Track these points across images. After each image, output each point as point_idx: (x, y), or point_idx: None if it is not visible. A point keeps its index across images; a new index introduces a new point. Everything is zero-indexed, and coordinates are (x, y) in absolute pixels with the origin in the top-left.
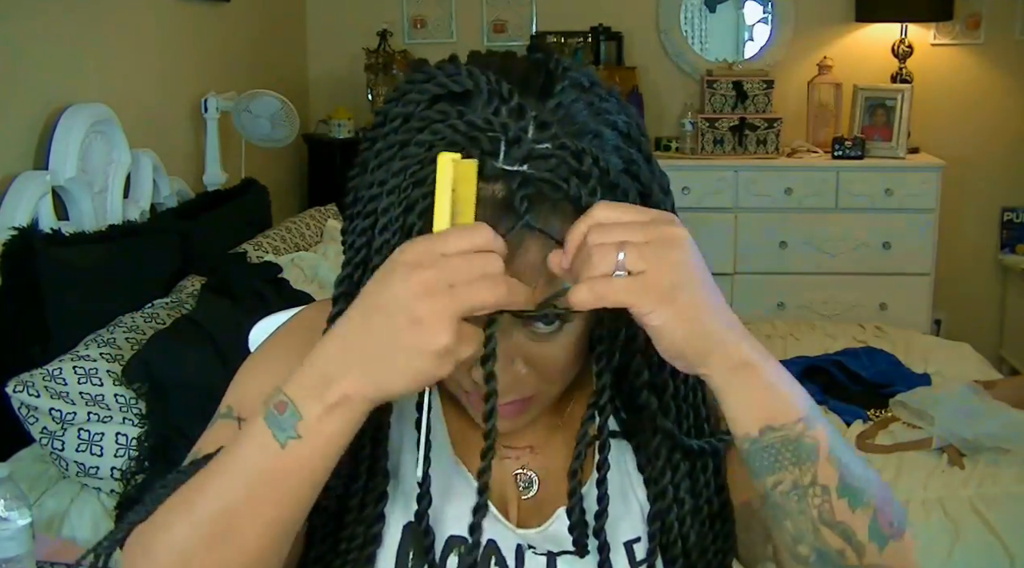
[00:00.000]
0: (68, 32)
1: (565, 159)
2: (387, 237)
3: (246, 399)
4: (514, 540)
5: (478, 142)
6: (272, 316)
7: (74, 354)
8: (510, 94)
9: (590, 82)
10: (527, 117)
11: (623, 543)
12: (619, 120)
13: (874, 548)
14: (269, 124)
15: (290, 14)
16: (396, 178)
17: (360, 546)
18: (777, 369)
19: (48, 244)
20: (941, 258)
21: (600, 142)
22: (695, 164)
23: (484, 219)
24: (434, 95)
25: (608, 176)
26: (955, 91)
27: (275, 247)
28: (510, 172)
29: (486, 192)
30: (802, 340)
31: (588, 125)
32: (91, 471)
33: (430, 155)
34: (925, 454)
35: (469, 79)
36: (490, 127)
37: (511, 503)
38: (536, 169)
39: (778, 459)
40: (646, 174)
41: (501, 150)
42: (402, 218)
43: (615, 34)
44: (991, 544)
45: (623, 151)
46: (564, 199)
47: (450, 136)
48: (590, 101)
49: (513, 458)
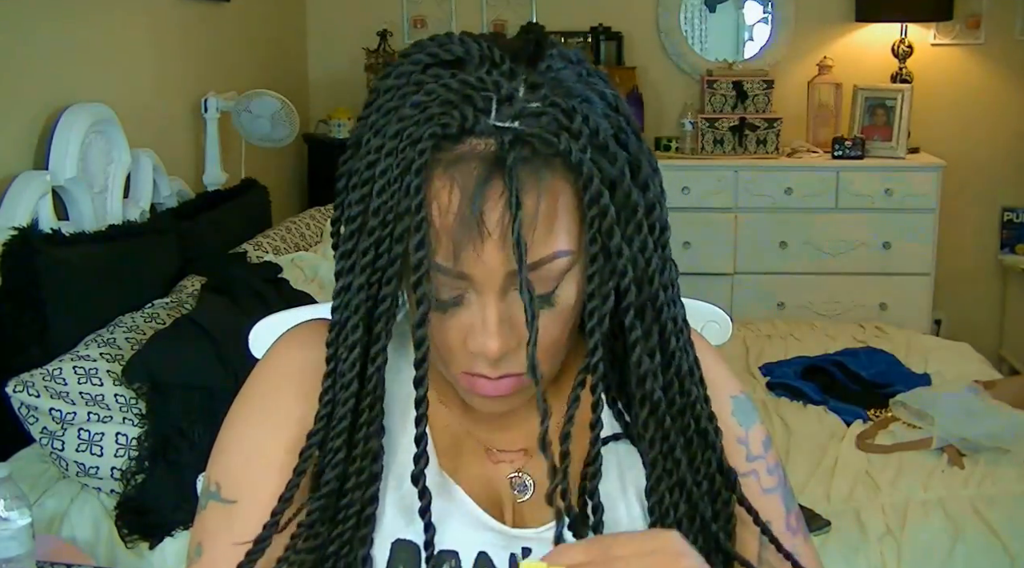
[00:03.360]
0: (68, 32)
1: (556, 116)
2: (385, 199)
3: (232, 473)
4: (507, 549)
5: (471, 100)
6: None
7: (74, 354)
8: (502, 59)
9: (578, 58)
10: (518, 78)
11: None
12: (607, 92)
13: None
14: (269, 124)
15: (290, 14)
16: (393, 141)
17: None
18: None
19: (48, 244)
20: (941, 258)
21: (589, 106)
22: (695, 164)
23: (477, 177)
24: (426, 63)
25: (598, 136)
26: (955, 91)
27: (275, 247)
28: (502, 128)
29: (478, 148)
30: (802, 340)
31: (577, 89)
32: (91, 471)
33: (423, 116)
34: (925, 454)
35: (460, 46)
36: (483, 86)
37: (506, 507)
38: (527, 126)
39: None
40: (634, 145)
41: (493, 108)
42: (400, 179)
43: (615, 34)
44: (991, 544)
45: (612, 118)
46: (555, 155)
47: (444, 95)
48: (578, 72)
49: (508, 462)
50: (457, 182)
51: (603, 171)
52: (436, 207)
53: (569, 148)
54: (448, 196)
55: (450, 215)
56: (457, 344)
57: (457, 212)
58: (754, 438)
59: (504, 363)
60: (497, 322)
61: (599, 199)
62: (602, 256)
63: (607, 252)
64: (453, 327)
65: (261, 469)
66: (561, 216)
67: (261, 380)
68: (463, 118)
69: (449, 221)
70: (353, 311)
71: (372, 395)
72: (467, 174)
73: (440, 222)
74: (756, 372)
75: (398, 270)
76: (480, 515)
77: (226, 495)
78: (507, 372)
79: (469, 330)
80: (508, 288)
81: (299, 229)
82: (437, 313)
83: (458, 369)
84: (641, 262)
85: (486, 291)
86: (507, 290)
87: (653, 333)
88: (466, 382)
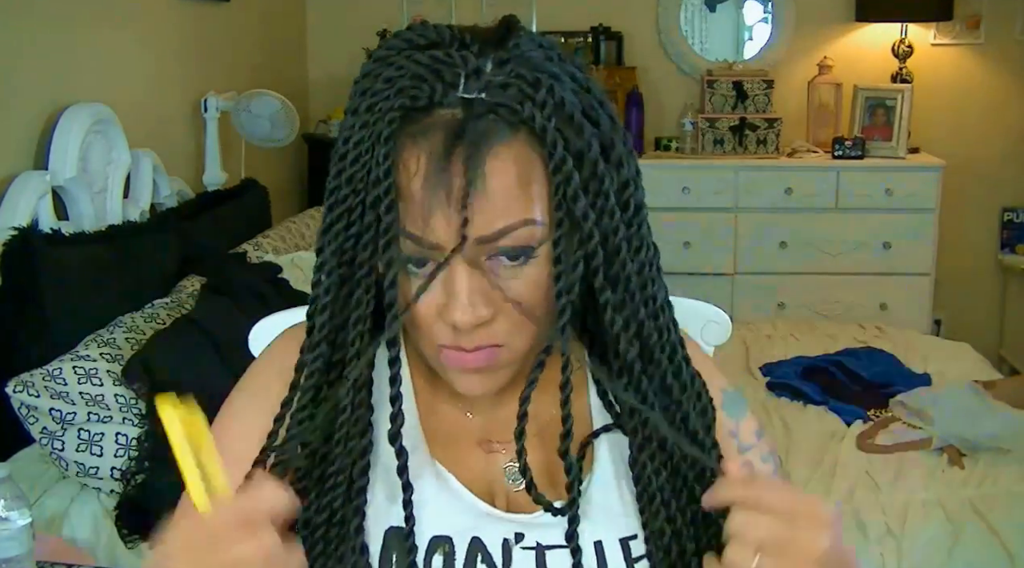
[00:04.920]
0: (68, 32)
1: (521, 87)
2: (357, 169)
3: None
4: (500, 533)
5: (440, 74)
6: (272, 316)
7: (74, 354)
8: (472, 41)
9: (549, 44)
10: (487, 56)
11: (619, 539)
12: (578, 75)
13: None
14: (269, 124)
15: (290, 14)
16: (366, 114)
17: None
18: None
19: (48, 244)
20: (941, 258)
21: (556, 81)
22: (695, 164)
23: (443, 145)
24: (401, 48)
25: (564, 108)
26: (955, 91)
27: (275, 247)
28: (468, 99)
29: (444, 117)
30: (802, 340)
31: (545, 66)
32: (91, 471)
33: (393, 90)
34: (925, 454)
35: (434, 32)
36: (451, 61)
37: (500, 496)
38: (493, 97)
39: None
40: (607, 125)
41: (461, 82)
42: (372, 149)
43: (615, 34)
44: (991, 544)
45: (582, 96)
46: (520, 122)
47: (414, 69)
48: (548, 55)
49: (502, 452)
50: (423, 150)
51: (568, 141)
52: (404, 175)
53: (532, 115)
54: (416, 164)
55: (417, 182)
56: (432, 317)
57: (424, 178)
58: (745, 429)
59: (479, 334)
60: (468, 292)
61: (562, 166)
62: (567, 221)
63: (572, 217)
64: (428, 301)
65: (253, 445)
66: (532, 186)
67: (258, 373)
68: (432, 91)
69: (416, 188)
70: (326, 275)
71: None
72: (434, 142)
73: (407, 189)
74: (756, 372)
75: (371, 237)
76: (473, 501)
77: None
78: (482, 343)
79: (444, 304)
80: (478, 257)
81: (299, 229)
82: (411, 287)
83: (435, 343)
84: (608, 231)
85: (456, 260)
86: (477, 259)
87: (627, 303)
88: (443, 357)
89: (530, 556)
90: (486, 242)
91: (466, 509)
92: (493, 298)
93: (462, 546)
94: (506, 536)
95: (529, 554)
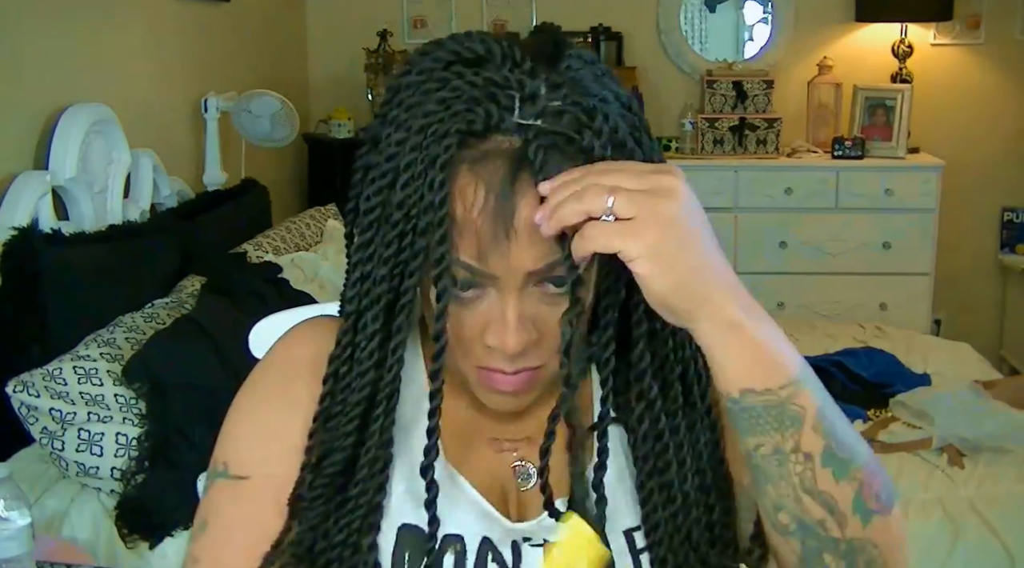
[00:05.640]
0: (68, 32)
1: (577, 115)
2: (409, 193)
3: (242, 452)
4: (510, 536)
5: (495, 97)
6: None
7: (74, 354)
8: (523, 58)
9: (592, 59)
10: (540, 77)
11: (623, 531)
12: (621, 92)
13: (857, 521)
14: (269, 124)
15: (290, 14)
16: (417, 136)
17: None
18: (770, 331)
19: (48, 244)
20: (941, 258)
21: (607, 106)
22: (695, 164)
23: (500, 173)
24: (448, 60)
25: (617, 134)
26: (955, 91)
27: (275, 247)
28: (525, 126)
29: (503, 145)
30: (802, 340)
31: (594, 89)
32: (91, 471)
33: (448, 113)
34: (925, 454)
35: (481, 45)
36: (507, 84)
37: (510, 495)
38: (550, 124)
39: (759, 422)
40: (647, 144)
41: (516, 106)
42: (425, 173)
43: (615, 34)
44: (991, 544)
45: (627, 118)
46: (578, 152)
47: (469, 92)
48: (595, 72)
49: (511, 450)
50: (483, 179)
51: None
52: (460, 203)
53: (592, 145)
54: (473, 192)
55: (475, 211)
56: (474, 338)
57: (482, 209)
58: None
59: (521, 358)
60: (517, 318)
61: None
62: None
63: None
64: (471, 321)
65: (275, 448)
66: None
67: (272, 370)
68: (488, 115)
69: (474, 217)
70: (374, 300)
71: (390, 386)
72: (492, 171)
73: (464, 218)
74: None
75: (420, 263)
76: (483, 505)
77: (236, 472)
78: (523, 366)
79: (487, 325)
80: (528, 284)
81: (299, 229)
82: (455, 306)
83: (474, 363)
84: None
85: (507, 288)
86: (527, 286)
87: (658, 333)
88: (482, 377)
89: (539, 553)
90: (540, 272)
91: (477, 512)
92: (538, 323)
93: (473, 545)
94: (515, 537)
95: (538, 551)
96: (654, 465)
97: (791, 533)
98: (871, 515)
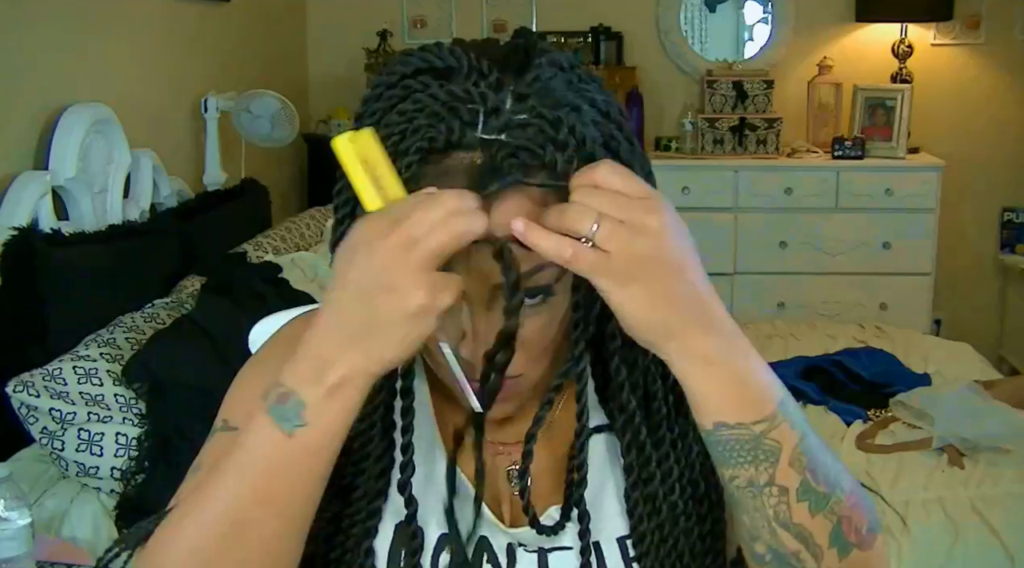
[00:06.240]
0: (68, 32)
1: (542, 128)
2: None
3: (241, 407)
4: (505, 539)
5: (457, 112)
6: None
7: (74, 354)
8: (490, 70)
9: (569, 64)
10: (505, 90)
11: (616, 539)
12: (598, 98)
13: (834, 554)
14: (269, 124)
15: (290, 14)
16: None
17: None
18: (747, 366)
19: (48, 244)
20: (941, 258)
21: (578, 115)
22: (695, 164)
23: (464, 189)
24: (417, 68)
25: (584, 146)
26: (955, 91)
27: (275, 247)
28: (488, 141)
29: (465, 161)
30: (802, 340)
31: (566, 98)
32: (91, 471)
33: (410, 127)
34: (925, 454)
35: (451, 56)
36: (469, 98)
37: (504, 499)
38: (514, 138)
39: (732, 455)
40: (626, 151)
41: (480, 120)
42: None
43: (615, 34)
44: (991, 544)
45: (602, 126)
46: (541, 167)
47: (431, 106)
48: (568, 79)
49: (505, 454)
50: None
51: None
52: None
53: (555, 159)
54: None
55: None
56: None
57: None
58: None
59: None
60: (485, 332)
61: None
62: None
63: None
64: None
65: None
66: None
67: (280, 343)
68: (449, 131)
69: None
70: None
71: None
72: (454, 188)
73: None
74: None
75: None
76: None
77: (234, 424)
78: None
79: (460, 338)
80: (496, 297)
81: (299, 229)
82: None
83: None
84: None
85: (475, 302)
86: (496, 299)
87: (634, 348)
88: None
89: (533, 559)
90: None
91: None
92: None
93: (469, 545)
94: (510, 541)
95: (532, 557)
96: (638, 476)
97: (767, 563)
98: (850, 548)
